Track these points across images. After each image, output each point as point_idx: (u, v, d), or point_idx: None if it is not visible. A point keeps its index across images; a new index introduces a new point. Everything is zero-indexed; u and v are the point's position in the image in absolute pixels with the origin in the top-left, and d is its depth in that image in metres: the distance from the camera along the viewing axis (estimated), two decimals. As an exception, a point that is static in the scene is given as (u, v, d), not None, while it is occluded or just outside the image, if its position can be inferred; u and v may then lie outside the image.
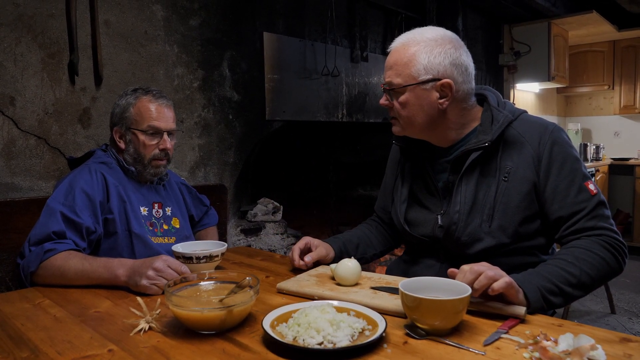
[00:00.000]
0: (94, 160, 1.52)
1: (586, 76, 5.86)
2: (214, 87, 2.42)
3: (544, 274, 1.09)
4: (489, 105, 1.29)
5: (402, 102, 1.25)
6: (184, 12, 2.28)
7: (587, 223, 1.18)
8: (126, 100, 1.52)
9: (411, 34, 1.26)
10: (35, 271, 1.28)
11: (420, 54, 1.21)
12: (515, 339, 0.89)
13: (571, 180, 1.20)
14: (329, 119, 3.03)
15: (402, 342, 0.89)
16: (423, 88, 1.22)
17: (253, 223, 2.69)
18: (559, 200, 1.20)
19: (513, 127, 1.26)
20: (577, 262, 1.11)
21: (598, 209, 1.19)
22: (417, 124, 1.28)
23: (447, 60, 1.22)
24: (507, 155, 1.24)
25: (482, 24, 4.60)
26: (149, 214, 1.55)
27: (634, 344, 0.87)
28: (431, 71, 1.21)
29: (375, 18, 3.39)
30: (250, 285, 1.01)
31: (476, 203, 1.25)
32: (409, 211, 1.39)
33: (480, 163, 1.26)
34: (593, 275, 1.11)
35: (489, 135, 1.23)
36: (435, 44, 1.22)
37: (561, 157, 1.21)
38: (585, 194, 1.19)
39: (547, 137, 1.23)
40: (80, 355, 0.87)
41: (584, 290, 1.12)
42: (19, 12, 1.76)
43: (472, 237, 1.24)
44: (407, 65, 1.22)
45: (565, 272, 1.10)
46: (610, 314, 3.55)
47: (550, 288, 1.08)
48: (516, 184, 1.22)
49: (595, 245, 1.14)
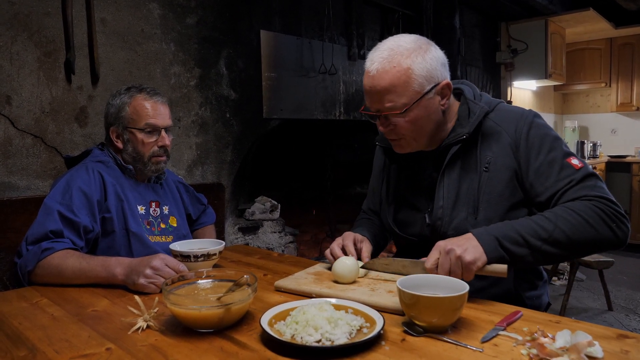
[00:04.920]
0: (91, 159, 1.52)
1: (583, 74, 5.88)
2: (211, 86, 2.42)
3: (511, 225, 1.11)
4: (466, 98, 1.30)
5: (411, 120, 1.20)
6: (180, 10, 2.27)
7: (577, 193, 1.14)
8: (120, 99, 1.52)
9: (389, 50, 1.18)
10: (32, 270, 1.28)
11: (415, 66, 1.16)
12: (513, 335, 0.89)
13: (552, 160, 1.18)
14: (326, 117, 3.03)
15: (400, 340, 0.89)
16: (428, 98, 1.20)
17: (251, 221, 2.69)
18: (543, 182, 1.18)
19: (490, 117, 1.26)
20: (554, 218, 1.10)
21: (587, 180, 1.15)
22: (425, 135, 1.25)
23: (438, 62, 1.21)
24: (486, 146, 1.24)
25: (479, 22, 4.60)
26: (146, 212, 1.54)
27: (631, 340, 0.87)
28: (431, 79, 1.19)
29: (372, 16, 3.39)
30: (248, 284, 1.01)
31: (460, 196, 1.25)
32: (397, 212, 1.39)
33: (461, 157, 1.26)
34: (570, 234, 1.08)
35: (467, 128, 1.24)
36: (421, 50, 1.18)
37: (538, 140, 1.21)
38: (568, 169, 1.17)
39: (523, 123, 1.23)
40: (78, 354, 0.87)
41: (559, 248, 1.09)
42: (15, 10, 1.76)
43: (458, 231, 1.22)
44: (407, 82, 1.16)
45: (537, 226, 1.09)
46: (608, 310, 3.56)
47: (513, 237, 1.08)
48: (497, 173, 1.22)
49: (581, 207, 1.10)
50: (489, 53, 4.78)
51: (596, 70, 5.80)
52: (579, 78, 5.90)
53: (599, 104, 6.21)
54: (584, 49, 5.83)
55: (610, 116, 6.09)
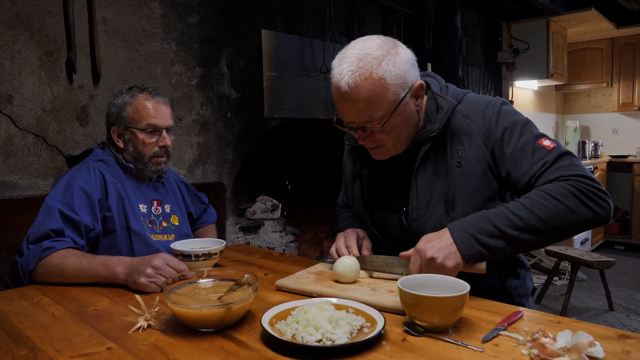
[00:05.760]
0: (92, 158, 1.52)
1: (585, 74, 5.87)
2: (212, 85, 2.42)
3: (486, 216, 1.09)
4: (433, 93, 1.26)
5: (389, 129, 1.16)
6: (182, 10, 2.28)
7: (552, 174, 1.11)
8: (122, 99, 1.51)
9: (357, 61, 1.10)
10: (33, 269, 1.28)
11: (387, 75, 1.10)
12: (514, 335, 0.89)
13: (523, 145, 1.16)
14: (327, 117, 3.03)
15: (400, 339, 0.89)
16: (404, 104, 1.16)
17: (252, 221, 2.69)
18: (518, 168, 1.16)
19: (458, 110, 1.24)
20: (530, 205, 1.08)
21: (561, 159, 1.13)
22: (404, 140, 1.22)
23: (408, 64, 1.15)
24: (457, 140, 1.22)
25: (481, 22, 4.60)
26: (147, 211, 1.54)
27: (632, 340, 0.87)
28: (405, 84, 1.14)
29: (373, 15, 3.39)
30: (248, 283, 1.00)
31: (434, 195, 1.23)
32: (373, 214, 1.36)
33: (432, 154, 1.23)
34: (547, 220, 1.06)
35: (436, 124, 1.21)
36: (390, 55, 1.12)
37: (509, 128, 1.18)
38: (541, 151, 1.14)
39: (491, 112, 1.21)
40: (79, 353, 0.87)
41: (537, 235, 1.07)
42: (16, 9, 1.76)
43: (436, 229, 1.18)
44: (382, 94, 1.11)
45: (513, 215, 1.07)
46: (609, 310, 3.56)
47: (489, 230, 1.07)
48: (470, 167, 1.20)
49: (557, 189, 1.08)
50: (491, 53, 4.77)
51: (598, 70, 5.79)
52: (580, 78, 5.89)
53: (601, 104, 6.20)
54: (586, 49, 5.82)
55: (612, 116, 6.08)
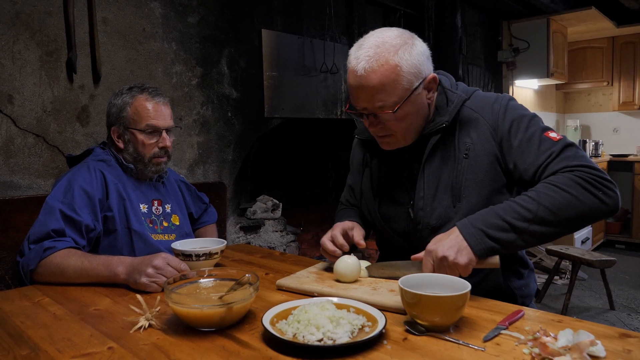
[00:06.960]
0: (93, 158, 1.52)
1: (585, 72, 5.86)
2: (212, 85, 2.42)
3: (494, 211, 1.10)
4: (443, 87, 1.29)
5: (401, 117, 1.19)
6: (182, 10, 2.27)
7: (558, 165, 1.13)
8: (122, 99, 1.51)
9: (375, 48, 1.15)
10: (34, 269, 1.28)
11: (403, 63, 1.14)
12: (515, 334, 0.89)
13: (530, 136, 1.19)
14: (327, 116, 3.03)
15: (401, 339, 0.89)
16: (417, 94, 1.20)
17: (252, 220, 2.69)
18: (525, 159, 1.18)
19: (467, 105, 1.27)
20: (537, 197, 1.09)
21: (567, 150, 1.15)
22: (414, 130, 1.25)
23: (424, 56, 1.20)
24: (465, 133, 1.25)
25: (481, 21, 4.60)
26: (148, 211, 1.54)
27: (633, 339, 0.87)
28: (419, 74, 1.18)
29: (373, 15, 3.39)
30: (249, 283, 1.01)
31: (440, 185, 1.25)
32: (381, 207, 1.37)
33: (441, 146, 1.26)
34: (555, 210, 1.06)
35: (446, 116, 1.23)
36: (407, 45, 1.16)
37: (516, 121, 1.21)
38: (547, 142, 1.17)
39: (499, 106, 1.24)
40: (80, 352, 0.87)
41: (547, 226, 1.07)
42: (17, 9, 1.76)
43: (442, 219, 1.22)
44: (397, 80, 1.14)
45: (520, 207, 1.08)
46: (610, 309, 3.56)
47: (497, 224, 1.08)
48: (477, 159, 1.22)
49: (563, 180, 1.09)
50: (491, 52, 4.77)
51: (598, 69, 5.78)
52: (580, 77, 5.89)
53: (601, 103, 6.19)
54: (586, 48, 5.81)
55: (612, 115, 6.07)
